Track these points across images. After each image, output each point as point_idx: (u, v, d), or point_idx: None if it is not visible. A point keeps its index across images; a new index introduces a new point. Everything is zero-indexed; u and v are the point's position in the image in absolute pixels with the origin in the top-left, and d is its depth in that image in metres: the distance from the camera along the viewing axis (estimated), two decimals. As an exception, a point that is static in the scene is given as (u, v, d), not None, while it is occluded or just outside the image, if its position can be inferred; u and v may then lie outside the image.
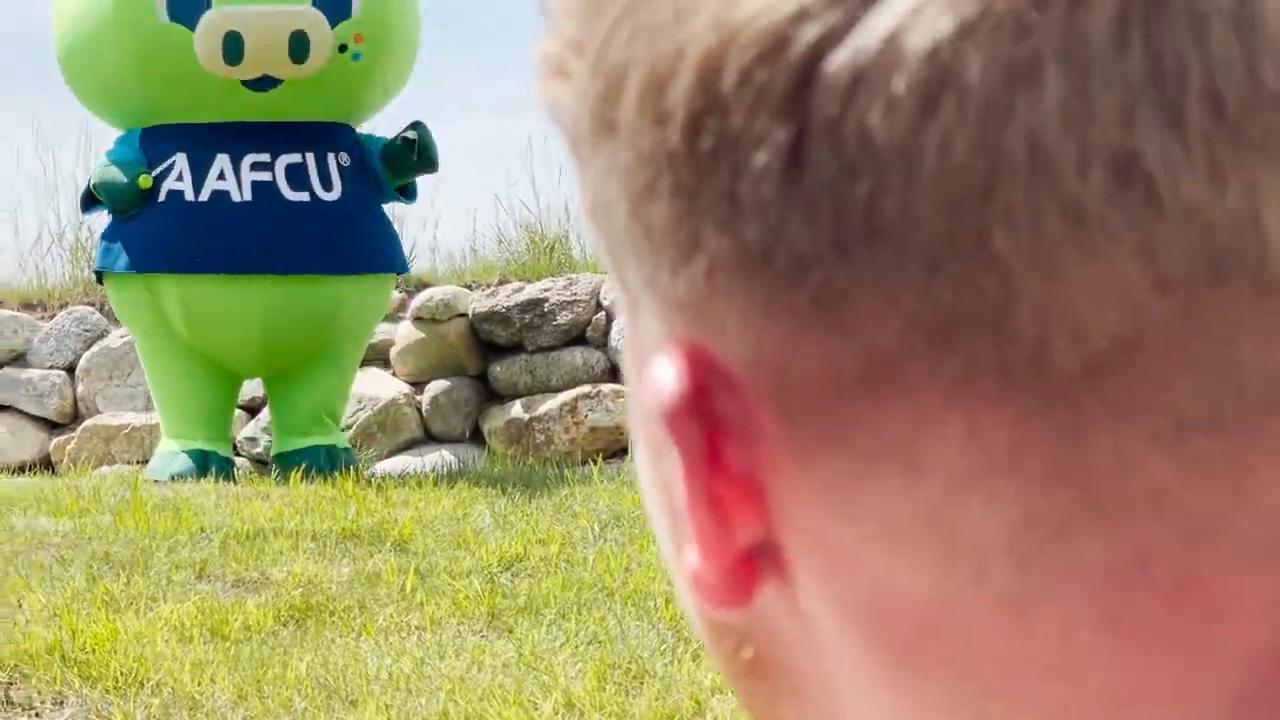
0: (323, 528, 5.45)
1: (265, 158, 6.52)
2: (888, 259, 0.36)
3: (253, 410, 7.77)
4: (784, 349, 0.37)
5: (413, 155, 6.76)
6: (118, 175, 6.64)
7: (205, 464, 6.45)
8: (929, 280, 0.36)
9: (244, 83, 6.29)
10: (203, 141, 6.46)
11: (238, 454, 7.33)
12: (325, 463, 6.45)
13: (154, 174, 6.58)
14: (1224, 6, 0.34)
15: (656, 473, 0.43)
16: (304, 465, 6.31)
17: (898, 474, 0.37)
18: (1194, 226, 0.35)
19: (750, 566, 0.40)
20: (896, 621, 0.39)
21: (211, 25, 6.26)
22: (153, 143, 6.58)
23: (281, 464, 6.55)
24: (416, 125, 6.80)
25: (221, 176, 6.51)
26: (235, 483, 6.32)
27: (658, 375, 0.39)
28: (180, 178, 6.51)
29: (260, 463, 7.39)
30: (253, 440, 7.74)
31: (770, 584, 0.40)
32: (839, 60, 0.35)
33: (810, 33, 0.35)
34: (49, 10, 6.89)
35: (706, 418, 0.38)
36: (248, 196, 6.51)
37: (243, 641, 4.56)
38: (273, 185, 6.54)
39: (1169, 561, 0.37)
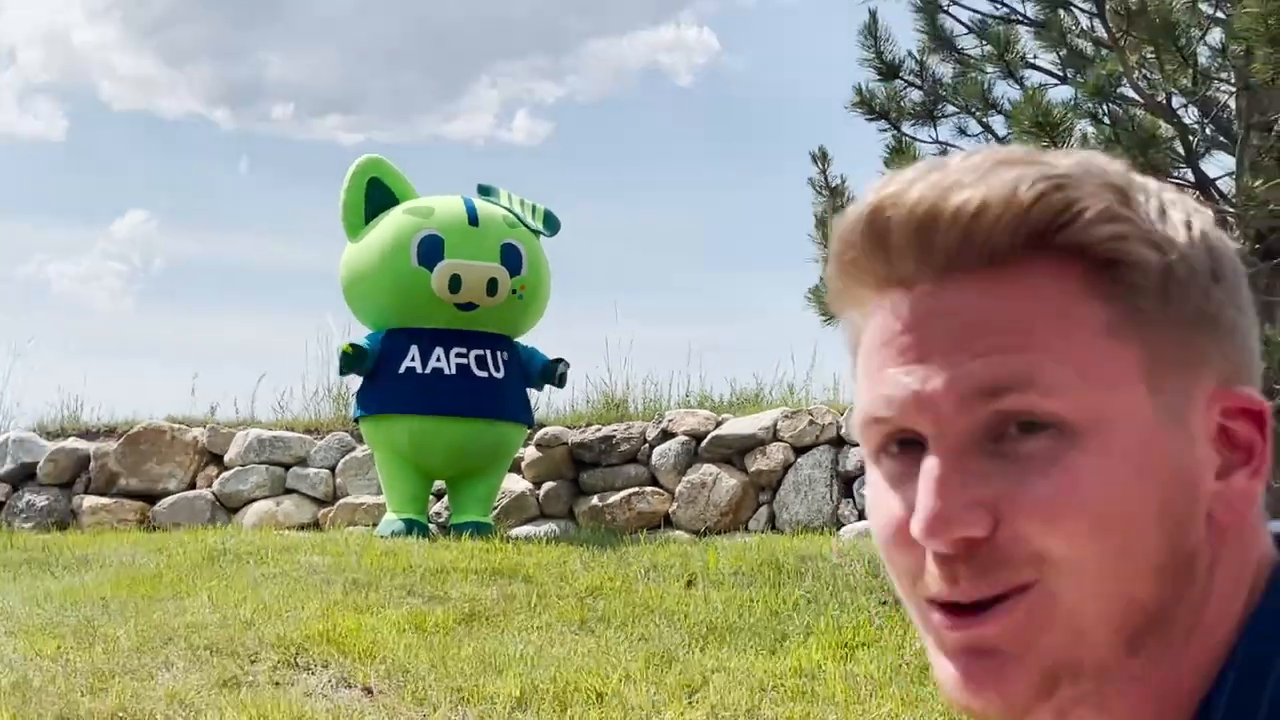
0: (481, 566, 6.08)
1: (464, 350, 7.44)
2: None
3: (440, 495, 8.31)
4: None
5: (554, 380, 7.79)
6: (342, 347, 7.64)
7: (411, 528, 7.38)
8: None
9: (457, 305, 7.40)
10: (428, 339, 7.50)
11: (430, 523, 7.85)
12: (478, 533, 7.30)
13: (402, 358, 7.42)
14: None
15: (1155, 468, 0.62)
16: (469, 532, 7.32)
17: None
18: None
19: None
20: None
21: (443, 269, 7.35)
22: (393, 338, 7.54)
23: (455, 531, 7.49)
24: (560, 361, 7.73)
25: (438, 359, 7.46)
26: (430, 540, 7.01)
27: (1257, 399, 0.61)
28: (413, 359, 7.48)
29: (443, 528, 7.90)
30: (439, 514, 8.27)
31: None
32: None
33: None
34: (338, 258, 7.88)
35: (1264, 421, 0.61)
36: (452, 372, 7.47)
37: (434, 633, 5.07)
38: (467, 367, 7.46)
39: None
